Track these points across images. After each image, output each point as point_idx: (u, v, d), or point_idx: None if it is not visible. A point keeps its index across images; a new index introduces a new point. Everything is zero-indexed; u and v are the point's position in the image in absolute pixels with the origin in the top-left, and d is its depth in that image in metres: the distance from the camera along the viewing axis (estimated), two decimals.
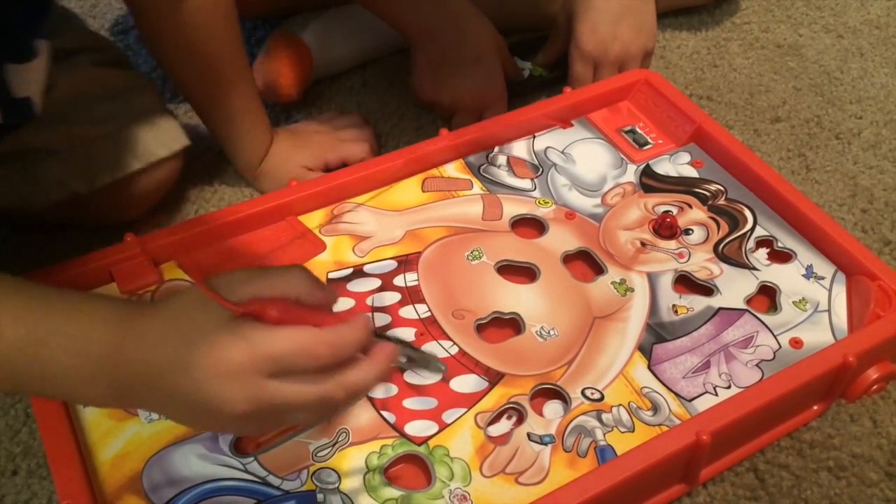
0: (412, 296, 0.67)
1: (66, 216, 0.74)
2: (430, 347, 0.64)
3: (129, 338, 0.43)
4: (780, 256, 0.71)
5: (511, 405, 0.61)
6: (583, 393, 0.61)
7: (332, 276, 0.69)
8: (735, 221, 0.74)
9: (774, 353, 0.64)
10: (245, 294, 0.43)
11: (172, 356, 0.42)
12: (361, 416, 0.60)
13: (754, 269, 0.70)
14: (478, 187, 0.76)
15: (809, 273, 0.70)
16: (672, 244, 0.72)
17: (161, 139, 0.74)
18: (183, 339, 0.42)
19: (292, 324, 0.42)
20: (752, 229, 0.73)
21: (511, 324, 0.66)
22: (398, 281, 0.68)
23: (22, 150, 0.70)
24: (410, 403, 0.60)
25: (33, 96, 0.60)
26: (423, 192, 0.76)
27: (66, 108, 0.69)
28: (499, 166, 0.79)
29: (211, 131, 0.79)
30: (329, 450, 0.58)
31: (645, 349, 0.64)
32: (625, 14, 0.86)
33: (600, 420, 0.60)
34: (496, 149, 0.80)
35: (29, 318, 0.43)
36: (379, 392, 0.61)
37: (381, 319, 0.66)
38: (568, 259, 0.71)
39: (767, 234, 0.73)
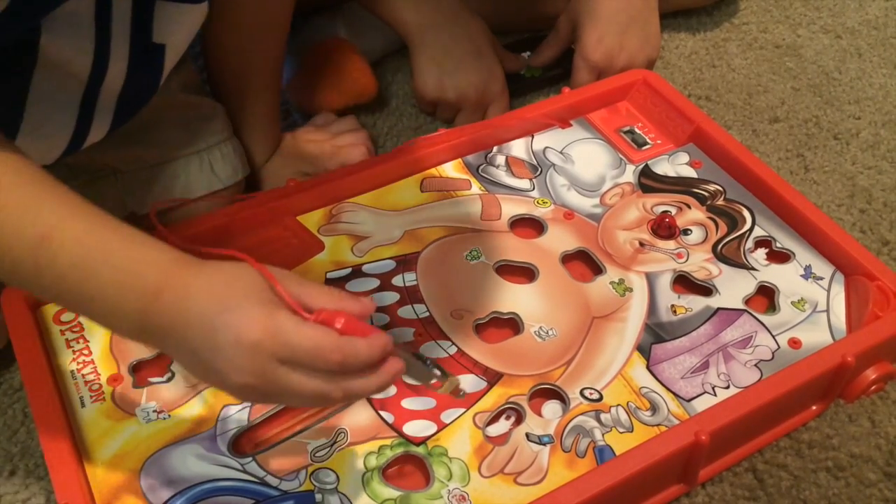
0: (411, 296, 0.67)
1: None
2: (429, 347, 0.64)
3: (172, 285, 0.45)
4: (779, 257, 0.71)
5: (510, 405, 0.61)
6: (581, 393, 0.61)
7: (330, 276, 0.69)
8: (734, 222, 0.74)
9: (773, 353, 0.64)
10: (295, 293, 0.46)
11: (205, 312, 0.44)
12: (360, 416, 0.60)
13: (753, 269, 0.70)
14: (476, 187, 0.76)
15: (808, 273, 0.70)
16: (671, 244, 0.72)
17: (223, 171, 0.76)
18: (220, 301, 0.44)
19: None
20: (751, 229, 0.73)
21: (510, 324, 0.66)
22: (397, 281, 0.68)
23: (91, 165, 0.71)
24: (409, 403, 0.60)
25: (169, 47, 0.61)
26: (422, 191, 0.76)
27: (142, 130, 0.70)
28: (497, 166, 0.79)
29: (230, 117, 0.81)
30: (327, 450, 0.58)
31: (644, 349, 0.64)
32: (631, 25, 0.86)
33: (599, 420, 0.60)
34: (495, 149, 0.80)
35: (89, 241, 0.45)
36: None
37: (380, 319, 0.66)
38: (566, 259, 0.71)
39: (766, 234, 0.73)
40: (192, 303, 0.45)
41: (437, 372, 0.49)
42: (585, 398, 0.61)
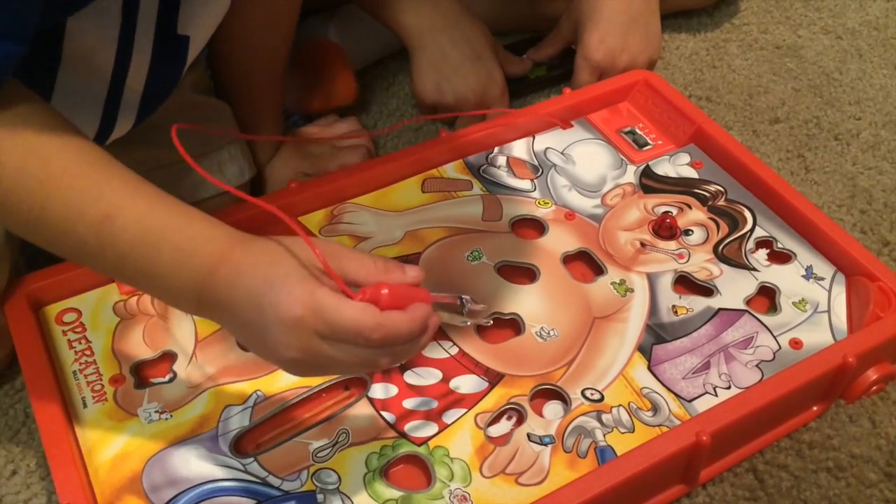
0: None
1: None
2: (430, 348, 0.64)
3: (226, 262, 0.46)
4: (780, 257, 0.71)
5: (511, 406, 0.61)
6: (583, 393, 0.61)
7: None
8: (735, 222, 0.74)
9: (774, 353, 0.64)
10: (337, 266, 0.46)
11: (252, 290, 0.46)
12: (361, 416, 0.60)
13: (754, 269, 0.70)
14: (478, 188, 0.77)
15: (809, 274, 0.70)
16: (672, 245, 0.72)
17: (231, 171, 0.76)
18: (266, 279, 0.45)
19: (396, 308, 0.46)
20: (752, 230, 0.73)
21: (511, 324, 0.66)
22: None
23: None
24: (410, 404, 0.60)
25: (193, 38, 0.62)
26: (423, 192, 0.76)
27: (152, 130, 0.70)
28: (498, 167, 0.79)
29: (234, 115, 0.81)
30: (329, 450, 0.58)
31: (645, 350, 0.64)
32: (634, 25, 0.86)
33: (600, 420, 0.60)
34: (496, 149, 0.80)
35: (149, 220, 0.47)
36: (378, 392, 0.61)
37: None
38: (568, 260, 0.71)
39: (767, 234, 0.73)
40: (242, 280, 0.46)
41: (468, 309, 0.52)
42: (587, 399, 0.61)
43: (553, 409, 0.61)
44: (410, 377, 0.62)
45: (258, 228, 0.71)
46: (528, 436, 0.59)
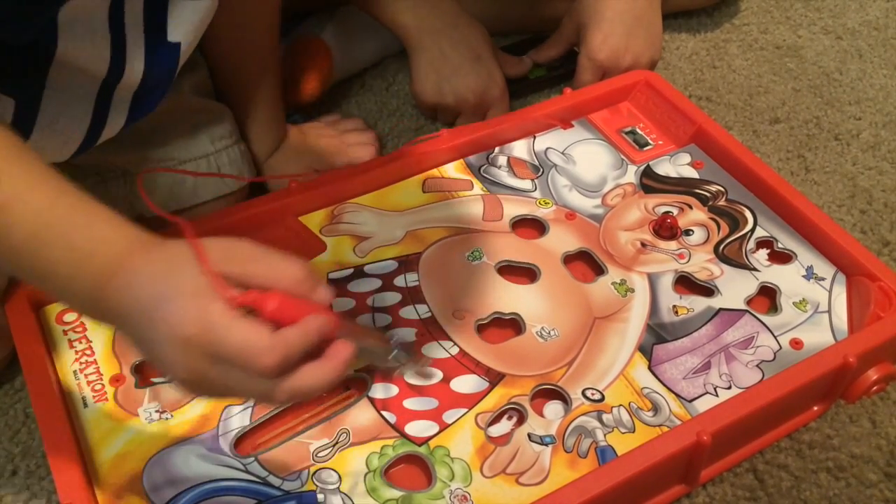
0: (413, 296, 0.67)
1: None
2: (431, 348, 0.64)
3: (122, 271, 0.43)
4: (781, 257, 0.71)
5: (511, 405, 0.61)
6: (583, 393, 0.61)
7: (332, 276, 0.69)
8: (735, 222, 0.74)
9: (775, 353, 0.64)
10: (240, 272, 0.43)
11: (146, 305, 0.42)
12: (362, 416, 0.60)
13: (754, 269, 0.70)
14: (478, 188, 0.77)
15: (810, 274, 0.70)
16: (672, 245, 0.72)
17: (232, 174, 0.76)
18: (160, 293, 0.42)
19: (285, 323, 0.42)
20: (753, 230, 0.73)
21: (511, 324, 0.66)
22: (399, 281, 0.68)
23: (100, 165, 0.71)
24: (411, 404, 0.60)
25: (184, 44, 0.61)
26: (424, 192, 0.76)
27: (152, 132, 0.70)
28: (499, 167, 0.79)
29: (232, 111, 0.81)
30: (329, 450, 0.58)
31: (645, 350, 0.64)
32: (637, 26, 0.86)
33: (601, 420, 0.60)
34: (496, 149, 0.80)
35: (49, 215, 0.43)
36: (379, 392, 0.61)
37: (382, 320, 0.66)
38: (568, 260, 0.71)
39: (768, 234, 0.73)
40: (136, 291, 0.43)
41: (396, 351, 0.46)
42: (587, 398, 0.61)
43: (553, 409, 0.61)
44: (411, 377, 0.62)
45: (258, 228, 0.71)
46: (529, 436, 0.59)
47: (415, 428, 0.59)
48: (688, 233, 0.73)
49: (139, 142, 0.70)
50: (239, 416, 0.59)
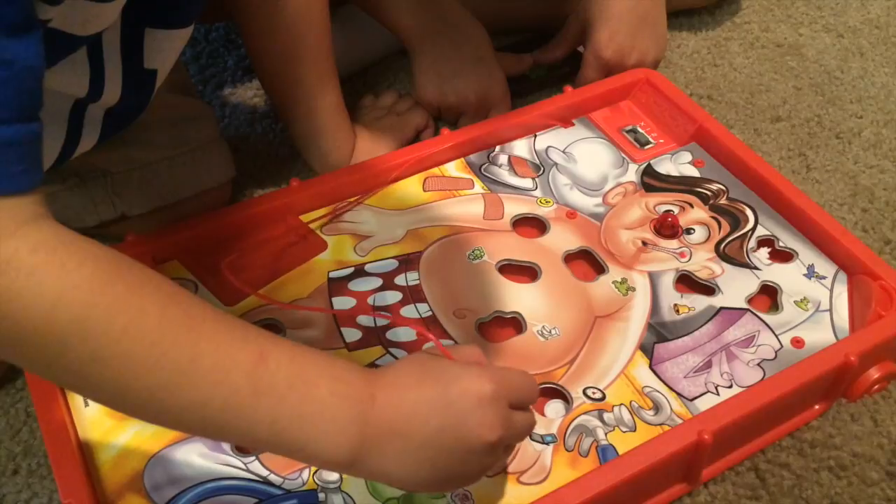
0: (413, 295, 0.67)
1: (111, 233, 0.74)
2: (431, 347, 0.63)
3: (380, 385, 0.45)
4: (782, 256, 0.71)
5: None
6: (584, 392, 0.61)
7: (333, 275, 0.69)
8: (736, 221, 0.74)
9: (776, 352, 0.64)
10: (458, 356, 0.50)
11: (432, 396, 0.45)
12: None
13: (756, 268, 0.70)
14: (479, 186, 0.76)
15: (811, 272, 0.70)
16: (673, 243, 0.72)
17: (213, 171, 0.76)
18: (437, 381, 0.46)
19: None
20: (754, 229, 0.73)
21: (512, 323, 0.66)
22: (399, 280, 0.68)
23: (80, 167, 0.70)
24: None
25: (160, 70, 0.61)
26: (425, 191, 0.76)
27: (131, 131, 0.70)
28: (500, 165, 0.79)
29: (292, 131, 0.80)
30: None
31: (646, 348, 0.64)
32: (643, 25, 0.86)
33: (602, 419, 0.60)
34: (497, 148, 0.80)
35: (301, 359, 0.44)
36: None
37: (383, 319, 0.66)
38: (569, 258, 0.71)
39: (769, 233, 0.73)
40: (409, 394, 0.45)
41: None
42: (588, 397, 0.61)
43: (554, 407, 0.61)
44: None
45: (256, 229, 0.71)
46: (530, 435, 0.59)
47: None
48: (689, 231, 0.73)
49: (118, 141, 0.69)
50: None
